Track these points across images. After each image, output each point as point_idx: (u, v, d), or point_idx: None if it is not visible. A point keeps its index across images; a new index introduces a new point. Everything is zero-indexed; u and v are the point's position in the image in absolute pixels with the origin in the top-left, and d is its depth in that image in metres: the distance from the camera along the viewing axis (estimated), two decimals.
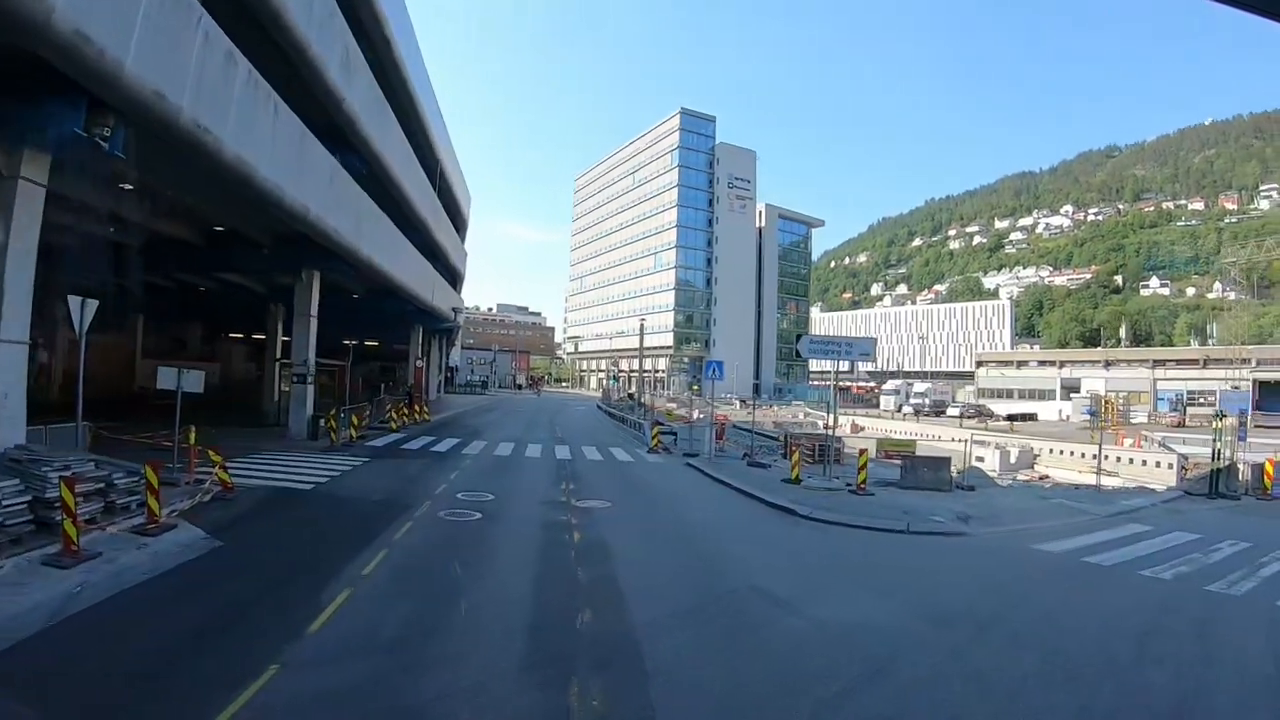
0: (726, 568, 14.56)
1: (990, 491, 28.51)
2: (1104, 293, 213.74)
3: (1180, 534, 19.60)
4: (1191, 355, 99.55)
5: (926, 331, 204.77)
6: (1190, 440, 51.53)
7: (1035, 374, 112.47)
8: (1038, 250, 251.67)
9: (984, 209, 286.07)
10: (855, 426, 75.57)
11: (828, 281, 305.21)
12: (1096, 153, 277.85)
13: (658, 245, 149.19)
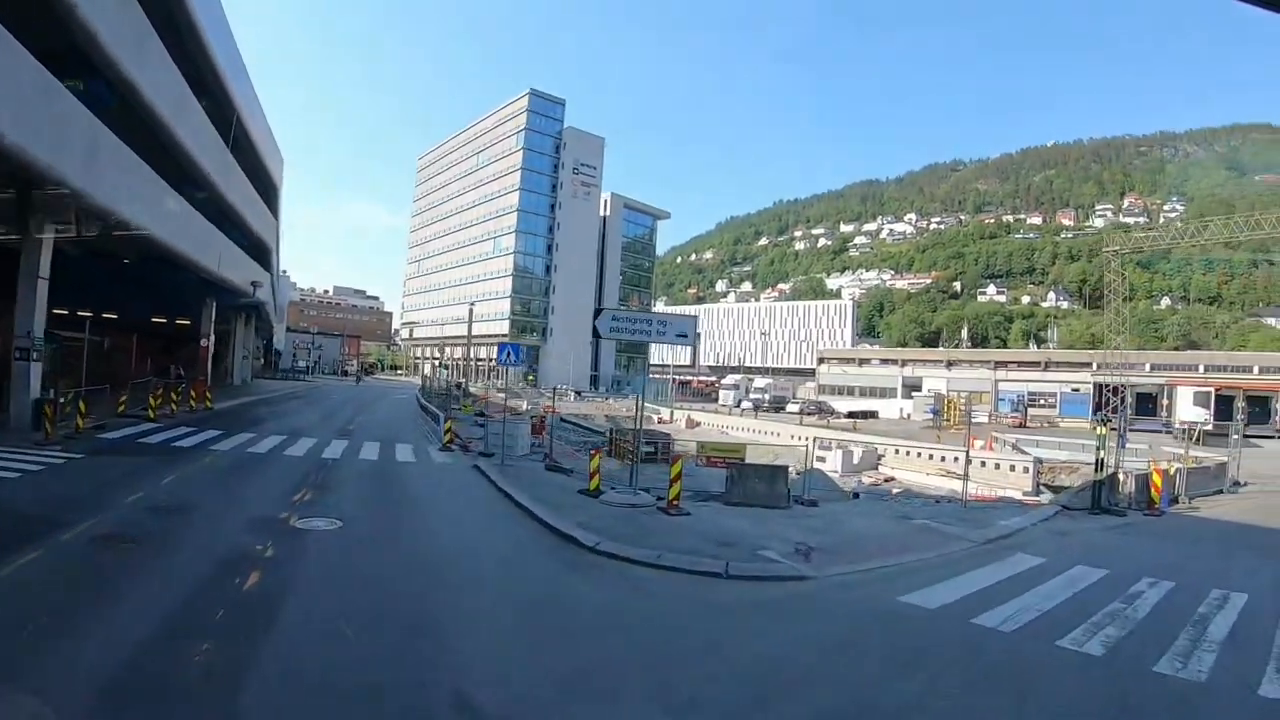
0: (436, 653, 8.96)
1: (837, 509, 23.10)
2: (943, 297, 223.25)
3: (1082, 569, 15.52)
4: (1033, 358, 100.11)
5: (769, 328, 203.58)
6: (1044, 443, 49.48)
7: (877, 372, 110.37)
8: (881, 255, 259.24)
9: (830, 213, 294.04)
10: (690, 422, 71.59)
11: (674, 277, 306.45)
12: (942, 166, 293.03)
13: (497, 229, 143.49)
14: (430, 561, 13.79)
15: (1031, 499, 35.22)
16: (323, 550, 13.63)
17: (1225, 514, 25.61)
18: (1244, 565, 16.97)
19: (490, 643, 9.67)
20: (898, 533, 19.22)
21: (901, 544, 17.40)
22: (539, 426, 42.00)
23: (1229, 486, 31.81)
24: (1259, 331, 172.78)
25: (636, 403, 24.92)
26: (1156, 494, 25.21)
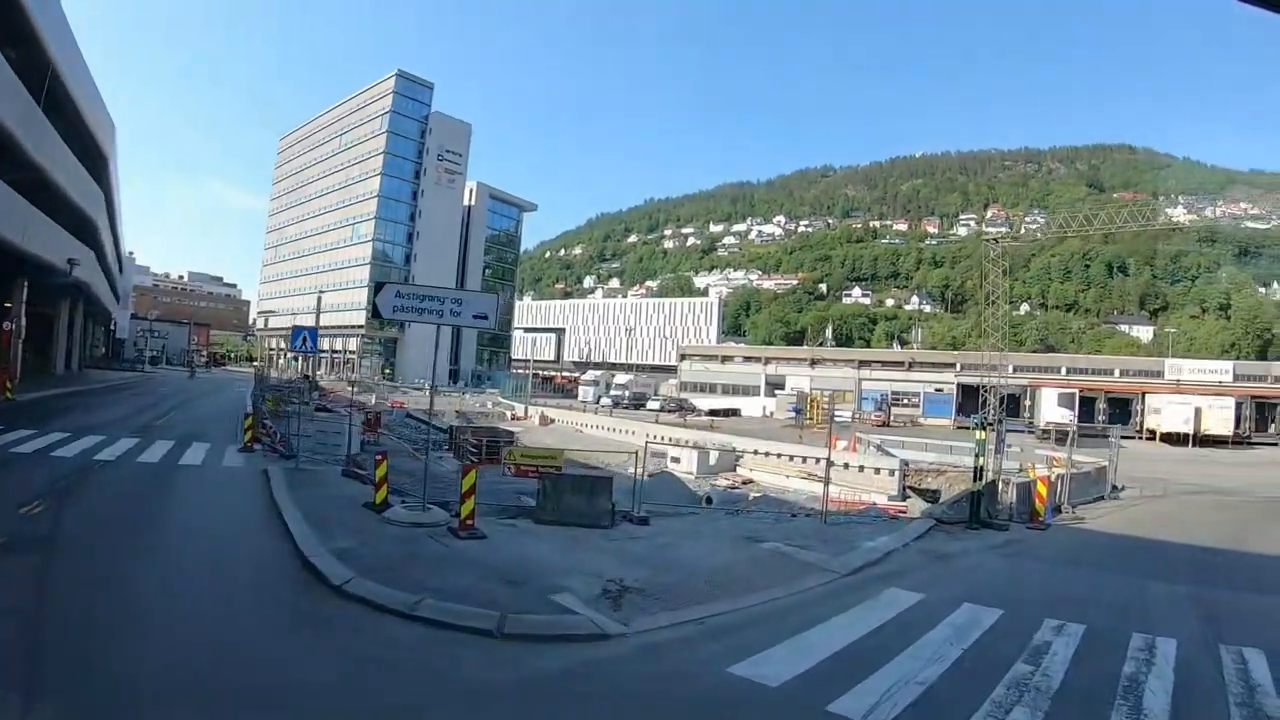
0: None
1: (673, 528, 18.98)
2: (809, 298, 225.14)
3: (971, 610, 12.57)
4: (897, 357, 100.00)
5: (635, 324, 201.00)
6: (910, 444, 48.09)
7: (740, 369, 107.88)
8: (749, 255, 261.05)
9: (701, 212, 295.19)
10: (544, 419, 68.66)
11: (542, 271, 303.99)
12: (813, 171, 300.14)
13: (357, 215, 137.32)
14: (100, 617, 9.67)
15: (898, 505, 33.37)
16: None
17: (1114, 525, 24.69)
18: (1157, 594, 15.15)
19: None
20: (741, 562, 15.41)
21: (745, 578, 14.01)
22: (373, 423, 39.14)
23: (1109, 492, 31.06)
24: (1114, 337, 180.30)
25: (430, 394, 21.49)
26: (1041, 505, 23.50)
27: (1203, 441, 69.25)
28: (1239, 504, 32.42)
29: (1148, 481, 34.91)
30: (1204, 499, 33.67)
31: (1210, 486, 38.60)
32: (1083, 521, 24.60)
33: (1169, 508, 29.53)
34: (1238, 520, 27.23)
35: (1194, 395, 75.40)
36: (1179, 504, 30.94)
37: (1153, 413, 76.14)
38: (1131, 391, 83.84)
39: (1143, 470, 39.12)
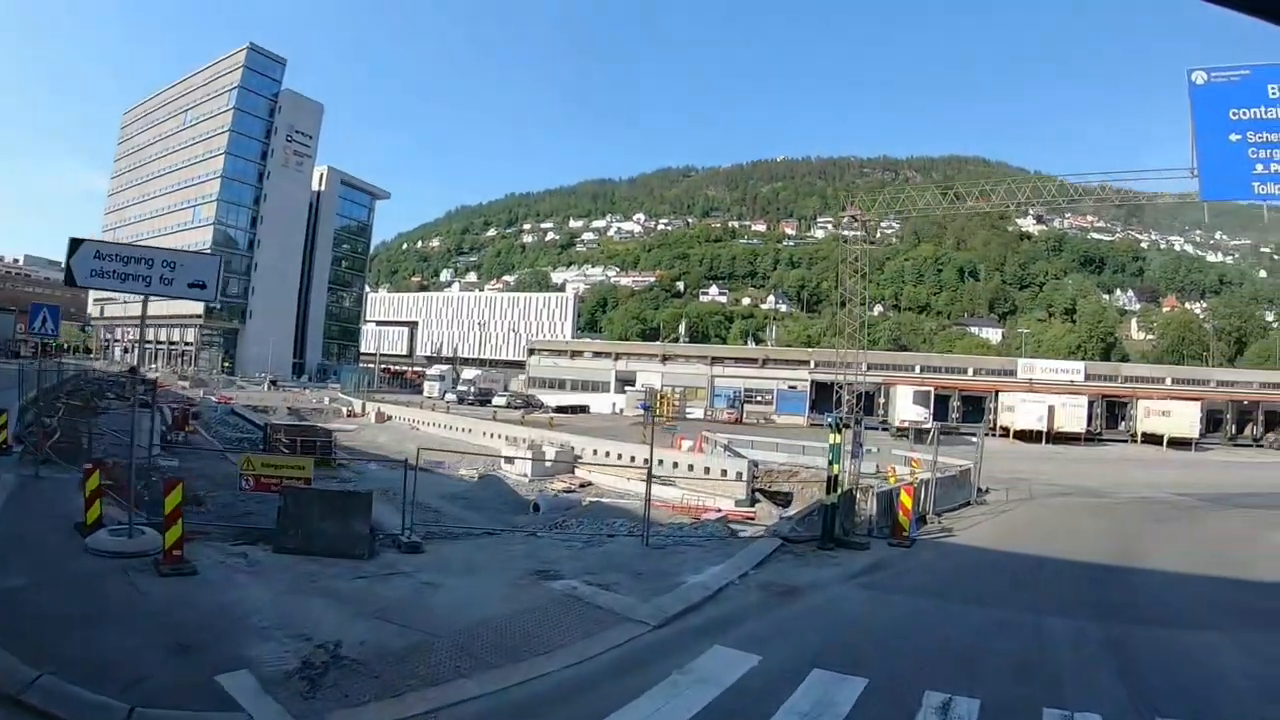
0: None
1: (450, 557, 15.14)
2: (666, 296, 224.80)
3: (823, 679, 9.16)
4: (751, 354, 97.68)
5: (489, 319, 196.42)
6: (760, 443, 45.35)
7: (590, 365, 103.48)
8: (608, 252, 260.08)
9: (561, 208, 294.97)
10: (381, 416, 64.62)
11: (398, 263, 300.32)
12: (675, 170, 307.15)
13: (199, 197, 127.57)
14: None
15: (745, 510, 31.00)
16: None
17: (988, 537, 22.01)
18: (1059, 637, 11.94)
19: None
20: (520, 612, 11.29)
21: (518, 638, 10.16)
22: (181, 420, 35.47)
23: (975, 497, 28.58)
24: (965, 339, 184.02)
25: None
26: (906, 518, 20.20)
27: (1056, 438, 70.10)
28: (1111, 506, 30.96)
29: (1010, 482, 32.96)
30: (1075, 502, 32.07)
31: (1076, 487, 37.34)
32: (952, 534, 21.88)
33: (1042, 513, 27.71)
34: (1118, 526, 25.57)
35: (1047, 394, 76.63)
36: (1050, 508, 29.16)
37: (1006, 410, 76.78)
38: (986, 390, 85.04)
39: (1003, 469, 37.21)
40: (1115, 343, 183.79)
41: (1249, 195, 25.46)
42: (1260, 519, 28.36)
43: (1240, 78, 24.71)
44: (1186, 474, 47.30)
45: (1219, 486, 40.43)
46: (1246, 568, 18.91)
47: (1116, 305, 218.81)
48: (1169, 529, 25.22)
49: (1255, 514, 29.72)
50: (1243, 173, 24.75)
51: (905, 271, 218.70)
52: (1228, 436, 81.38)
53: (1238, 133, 24.66)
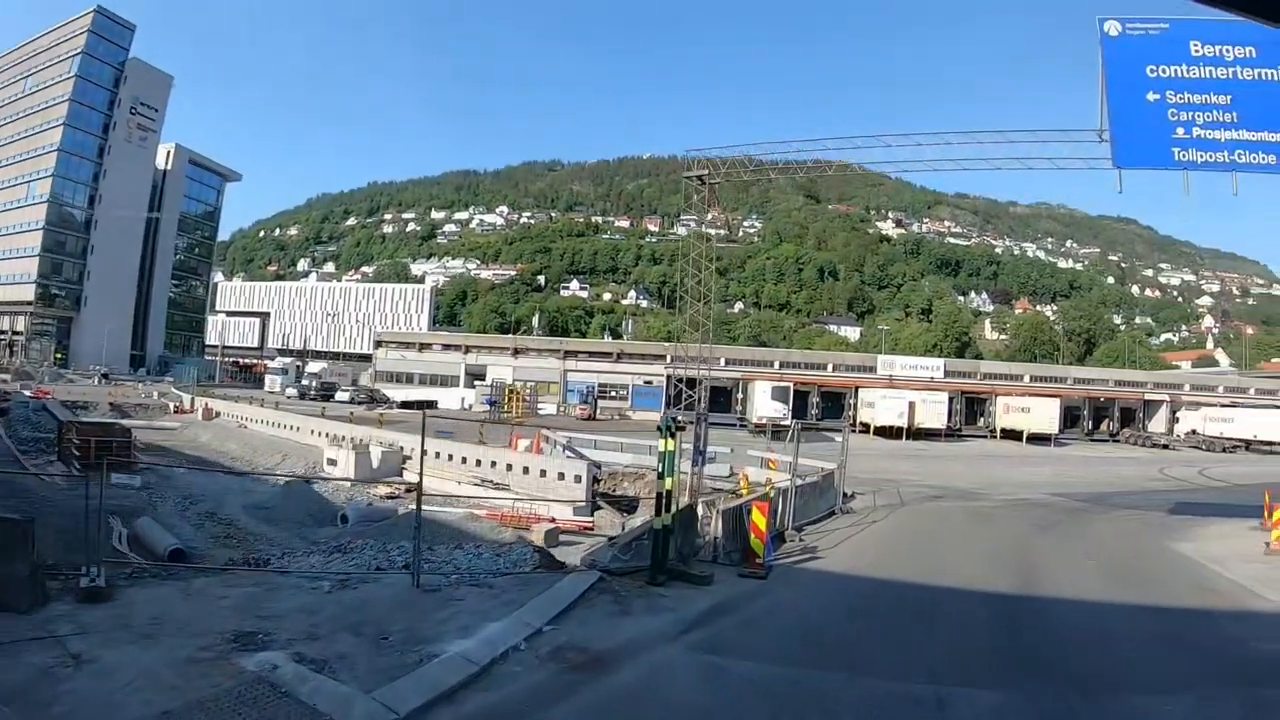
0: None
1: (138, 610, 10.67)
2: (526, 290, 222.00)
3: None
4: (605, 348, 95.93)
5: (344, 310, 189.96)
6: (604, 443, 42.33)
7: (440, 358, 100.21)
8: (469, 244, 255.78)
9: (424, 198, 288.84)
10: (209, 412, 59.95)
11: (254, 252, 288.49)
12: (540, 164, 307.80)
13: (34, 171, 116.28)
14: None
15: (583, 520, 28.50)
16: None
17: (861, 560, 18.52)
18: None
19: None
20: (174, 716, 7.48)
21: None
22: None
23: (840, 504, 26.03)
24: (824, 336, 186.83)
25: None
26: (759, 542, 16.31)
27: (916, 435, 70.69)
28: (990, 512, 28.89)
29: (877, 484, 31.70)
30: (950, 507, 29.83)
31: (947, 488, 35.79)
32: (817, 555, 18.51)
33: (917, 523, 25.30)
34: (1005, 538, 23.14)
35: (907, 390, 76.94)
36: (925, 516, 26.81)
37: (867, 407, 76.48)
38: (846, 386, 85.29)
39: (867, 469, 35.92)
40: (970, 342, 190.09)
41: (1168, 162, 22.77)
42: (1148, 522, 27.40)
43: (1159, 31, 22.44)
44: (1055, 472, 47.37)
45: (1092, 485, 40.41)
46: (1162, 589, 17.17)
47: (971, 307, 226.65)
48: (1061, 539, 23.36)
49: (1141, 517, 28.83)
50: (1161, 136, 22.41)
51: (766, 270, 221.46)
52: (1085, 432, 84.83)
53: (1156, 91, 22.32)
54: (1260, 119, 21.68)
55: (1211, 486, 43.85)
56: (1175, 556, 20.94)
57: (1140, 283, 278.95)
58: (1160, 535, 24.09)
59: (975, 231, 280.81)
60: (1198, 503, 34.21)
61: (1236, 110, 21.77)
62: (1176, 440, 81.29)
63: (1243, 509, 28.35)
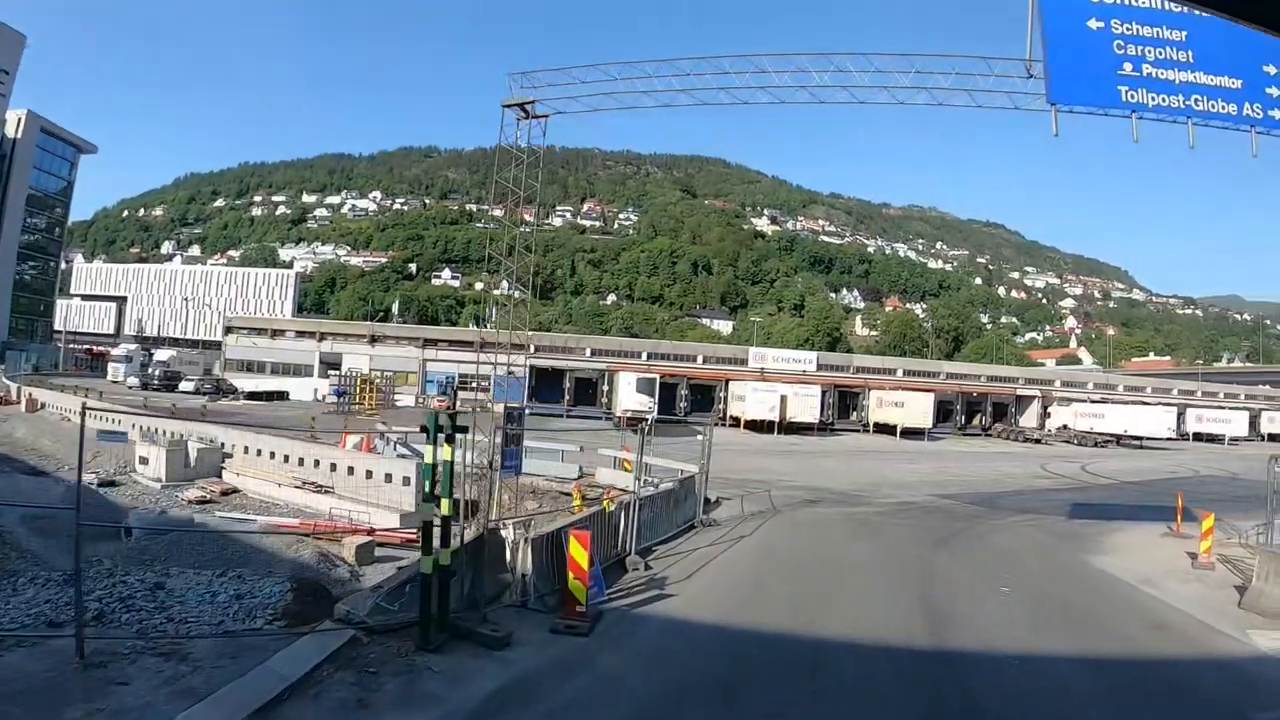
0: None
1: None
2: (397, 278, 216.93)
3: None
4: (466, 336, 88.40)
5: (204, 295, 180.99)
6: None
7: (293, 346, 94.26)
8: (340, 230, 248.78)
9: (296, 180, 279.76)
10: (32, 404, 55.40)
11: (117, 232, 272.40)
12: (417, 150, 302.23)
13: None
14: None
15: (407, 531, 25.38)
16: None
17: (723, 598, 15.26)
18: None
19: None
20: None
21: None
22: None
23: (702, 513, 23.33)
24: (696, 329, 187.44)
25: None
26: (580, 583, 12.80)
27: (788, 429, 69.69)
28: (875, 520, 25.88)
29: (746, 485, 29.81)
30: (828, 515, 26.72)
31: (823, 490, 32.88)
32: (664, 591, 15.15)
33: (794, 539, 22.03)
34: (903, 560, 19.86)
35: (779, 383, 75.84)
36: (802, 529, 23.53)
37: (737, 400, 75.88)
38: (716, 379, 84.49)
39: (736, 467, 34.59)
40: (841, 337, 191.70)
41: (1114, 101, 18.95)
42: (1052, 530, 25.81)
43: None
44: (935, 469, 46.04)
45: (977, 484, 38.98)
46: (1104, 628, 14.53)
47: (843, 303, 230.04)
48: (964, 558, 20.38)
49: (1040, 523, 27.32)
50: (1105, 71, 18.73)
51: (640, 263, 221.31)
52: (958, 427, 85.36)
53: (1099, 19, 18.63)
54: (1218, 62, 18.78)
55: (1099, 484, 43.29)
56: (1099, 577, 19.10)
57: (1007, 284, 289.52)
58: (1072, 547, 22.38)
59: (848, 231, 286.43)
60: (1093, 503, 33.13)
61: (1192, 49, 18.68)
62: (1049, 435, 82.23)
63: (1144, 510, 28.32)
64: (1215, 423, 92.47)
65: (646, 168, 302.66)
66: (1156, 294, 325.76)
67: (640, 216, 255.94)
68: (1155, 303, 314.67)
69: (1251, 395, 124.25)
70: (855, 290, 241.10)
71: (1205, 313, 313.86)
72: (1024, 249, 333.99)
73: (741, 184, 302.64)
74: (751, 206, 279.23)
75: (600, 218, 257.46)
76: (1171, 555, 20.72)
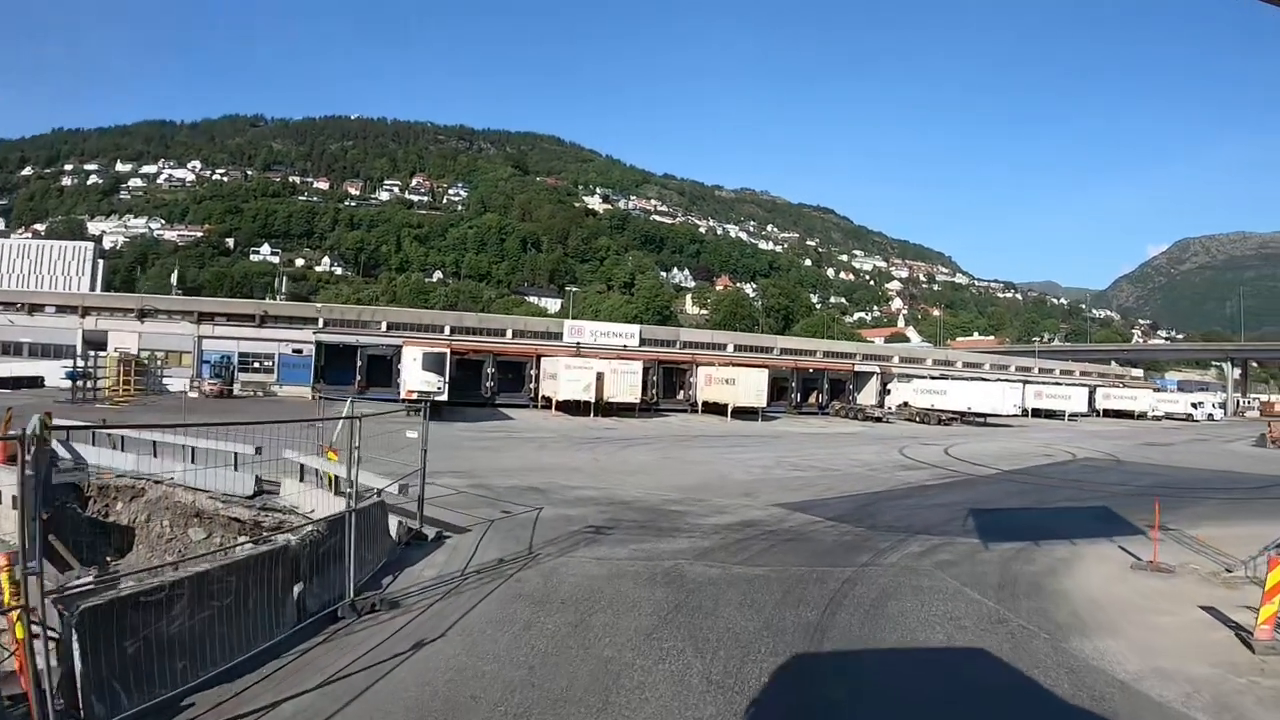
0: None
1: None
2: (214, 253, 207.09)
3: None
4: (247, 309, 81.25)
5: None
6: (132, 441, 24.49)
7: (52, 323, 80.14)
8: (155, 201, 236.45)
9: (111, 148, 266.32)
10: None
11: None
12: (243, 118, 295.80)
13: None
14: None
15: None
16: None
17: None
18: None
19: None
20: None
21: None
22: None
23: (371, 595, 12.05)
24: (523, 306, 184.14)
25: None
26: None
27: (607, 410, 63.02)
28: (700, 579, 14.10)
29: (514, 496, 21.51)
30: (621, 563, 14.99)
31: (628, 503, 21.94)
32: None
33: (520, 667, 9.78)
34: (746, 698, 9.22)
35: (596, 360, 67.77)
36: (556, 615, 11.92)
37: (549, 378, 68.13)
38: (527, 355, 75.99)
39: (517, 464, 28.96)
40: (671, 315, 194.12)
41: None
42: (974, 574, 15.13)
43: None
44: (778, 458, 36.10)
45: (833, 482, 28.65)
46: None
47: (674, 282, 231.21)
48: (864, 681, 10.29)
49: (952, 559, 16.40)
50: None
51: (469, 239, 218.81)
52: (792, 405, 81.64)
53: None
54: None
55: (979, 474, 33.24)
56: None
57: (836, 266, 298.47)
58: (1029, 621, 12.50)
59: (681, 211, 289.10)
60: (994, 508, 23.76)
61: None
62: (889, 413, 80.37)
63: (1066, 518, 21.92)
64: (1055, 399, 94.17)
65: (480, 143, 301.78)
66: (979, 278, 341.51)
67: (470, 192, 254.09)
68: (978, 286, 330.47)
69: (1085, 372, 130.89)
70: (686, 270, 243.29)
71: (1024, 297, 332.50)
72: (852, 233, 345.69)
73: (575, 162, 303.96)
74: (584, 185, 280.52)
75: (429, 193, 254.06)
76: (1191, 626, 12.64)
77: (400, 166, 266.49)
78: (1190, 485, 30.32)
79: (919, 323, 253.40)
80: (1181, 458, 44.89)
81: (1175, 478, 33.19)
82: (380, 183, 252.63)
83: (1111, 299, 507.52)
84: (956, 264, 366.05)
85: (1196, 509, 22.86)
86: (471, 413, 56.34)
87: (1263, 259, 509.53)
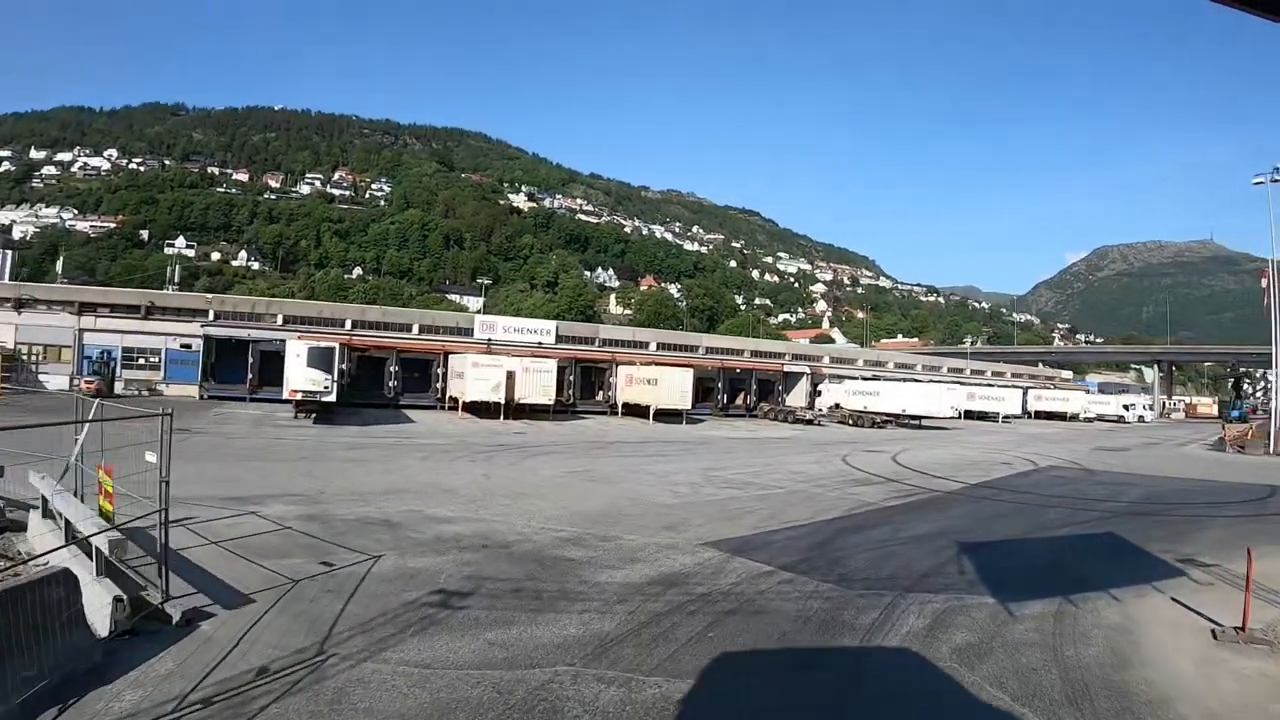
0: None
1: None
2: (127, 245, 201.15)
3: None
4: (132, 299, 74.52)
5: None
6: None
7: None
8: (68, 191, 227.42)
9: (26, 134, 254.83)
10: None
11: None
12: (164, 107, 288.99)
13: None
14: None
15: None
16: None
17: None
18: None
19: None
20: None
21: None
22: None
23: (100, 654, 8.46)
24: (443, 304, 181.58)
25: None
26: None
27: (518, 412, 58.43)
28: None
29: (359, 530, 16.29)
30: (464, 689, 8.47)
31: (502, 542, 16.08)
32: None
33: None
34: None
35: (507, 357, 62.85)
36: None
37: (456, 378, 63.59)
38: (433, 351, 71.18)
39: (386, 481, 23.26)
40: (595, 314, 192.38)
41: None
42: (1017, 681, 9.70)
43: None
44: (704, 472, 30.83)
45: (775, 503, 23.17)
46: None
47: (598, 282, 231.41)
48: None
49: (975, 638, 11.13)
50: None
51: (390, 235, 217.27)
52: (719, 406, 78.66)
53: None
54: None
55: (946, 490, 28.55)
56: None
57: (761, 268, 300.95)
58: None
59: (607, 211, 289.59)
60: (986, 541, 19.09)
61: None
62: (821, 415, 77.18)
63: (1076, 550, 18.48)
64: (989, 400, 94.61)
65: (405, 138, 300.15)
66: (902, 282, 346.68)
67: (394, 188, 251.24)
68: (901, 290, 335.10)
69: (1016, 374, 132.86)
70: (611, 270, 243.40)
71: (947, 300, 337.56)
72: (777, 235, 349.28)
73: (501, 159, 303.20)
74: (509, 183, 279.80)
75: (351, 187, 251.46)
76: None
77: (323, 160, 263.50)
78: (1179, 500, 27.62)
79: (844, 324, 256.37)
80: (1145, 464, 43.02)
81: (1158, 490, 30.56)
82: (302, 176, 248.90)
83: (1031, 304, 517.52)
84: (880, 268, 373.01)
85: (1212, 533, 20.58)
86: (370, 414, 52.89)
87: (1178, 267, 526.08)
